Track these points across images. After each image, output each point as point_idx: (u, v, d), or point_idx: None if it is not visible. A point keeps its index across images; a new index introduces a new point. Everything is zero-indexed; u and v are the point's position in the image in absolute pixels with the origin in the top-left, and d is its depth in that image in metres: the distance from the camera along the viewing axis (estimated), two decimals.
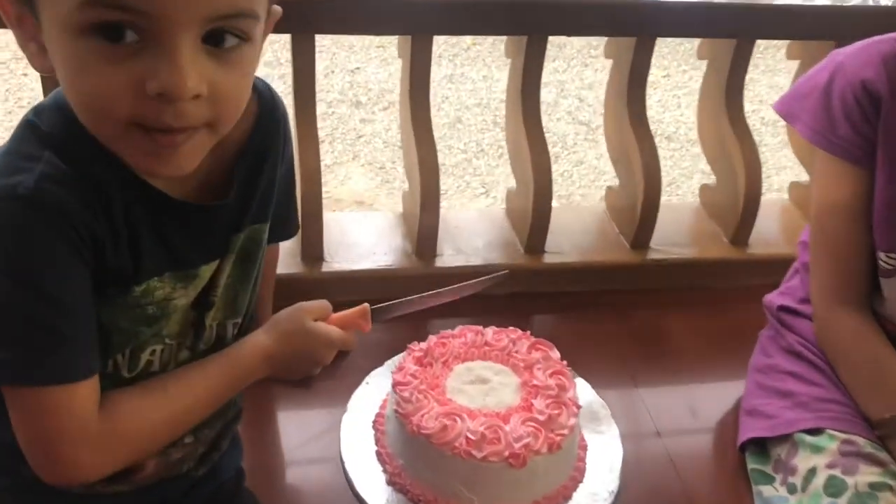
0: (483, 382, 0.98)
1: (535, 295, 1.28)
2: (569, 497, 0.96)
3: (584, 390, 1.04)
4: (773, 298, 1.10)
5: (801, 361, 1.02)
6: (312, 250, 1.22)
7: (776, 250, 1.36)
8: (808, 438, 0.94)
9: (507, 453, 0.89)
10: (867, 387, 0.95)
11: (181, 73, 0.60)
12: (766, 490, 0.96)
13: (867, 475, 0.88)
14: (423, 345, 1.02)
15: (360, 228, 1.31)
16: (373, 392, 1.08)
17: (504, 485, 0.91)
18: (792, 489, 0.93)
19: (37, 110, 0.70)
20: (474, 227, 1.33)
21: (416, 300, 0.99)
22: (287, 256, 1.23)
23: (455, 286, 1.00)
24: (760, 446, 1.01)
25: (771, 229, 1.38)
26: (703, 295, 1.33)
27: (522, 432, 0.90)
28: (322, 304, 0.92)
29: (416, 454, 0.93)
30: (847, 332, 0.97)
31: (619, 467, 1.00)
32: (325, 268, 1.22)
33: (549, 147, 1.29)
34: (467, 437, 0.90)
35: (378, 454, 0.98)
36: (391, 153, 2.34)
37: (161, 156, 0.65)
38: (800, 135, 0.99)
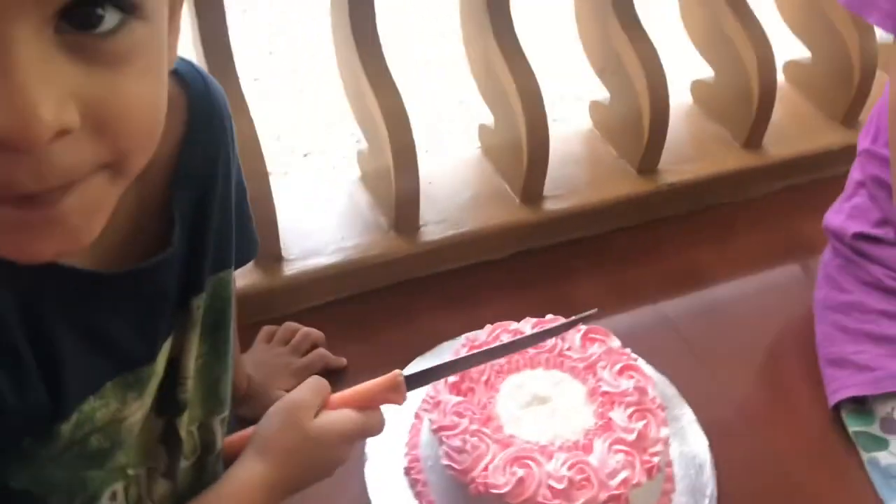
0: (542, 402, 0.78)
1: (541, 251, 1.07)
2: None
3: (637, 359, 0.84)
4: (841, 223, 0.92)
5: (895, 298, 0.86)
6: (266, 249, 0.95)
7: (794, 148, 1.18)
8: None
9: (604, 497, 0.69)
10: None
11: (23, 96, 0.32)
12: (883, 457, 0.82)
13: None
14: (473, 347, 0.79)
15: (317, 205, 1.04)
16: (390, 425, 0.86)
17: None
18: None
19: None
20: (452, 181, 1.09)
21: (465, 360, 0.74)
22: None
23: (527, 336, 0.76)
24: (858, 402, 0.86)
25: (779, 122, 1.19)
26: (724, 213, 1.15)
27: (614, 464, 0.71)
28: (314, 385, 0.66)
29: None
30: None
31: (708, 462, 0.83)
32: (287, 269, 0.96)
33: None
34: (551, 487, 0.70)
35: None
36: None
37: (37, 232, 0.38)
38: (877, 26, 0.79)
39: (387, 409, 0.87)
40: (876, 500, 0.81)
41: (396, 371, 0.67)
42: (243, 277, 0.94)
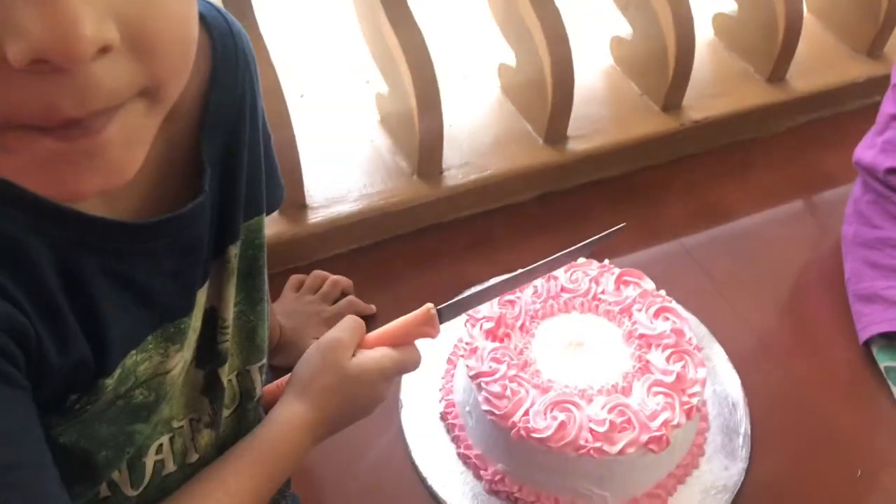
0: (579, 345, 0.77)
1: (565, 193, 1.06)
2: (702, 453, 0.79)
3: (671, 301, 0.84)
4: (873, 158, 0.91)
5: None
6: (291, 197, 0.94)
7: (819, 82, 1.16)
8: None
9: (645, 439, 0.70)
10: None
11: (64, 11, 0.31)
12: None
13: None
14: (488, 311, 0.79)
15: (338, 151, 1.02)
16: (423, 371, 0.86)
17: (641, 470, 0.73)
18: None
19: None
20: (473, 123, 1.06)
21: (499, 285, 0.71)
22: None
23: (553, 258, 0.71)
24: (888, 337, 0.86)
25: (803, 55, 1.16)
26: (748, 149, 1.13)
27: (654, 406, 0.71)
28: (350, 325, 0.65)
29: (525, 458, 0.73)
30: None
31: (741, 401, 0.83)
32: (312, 216, 0.95)
33: None
34: (592, 431, 0.70)
35: (464, 459, 0.78)
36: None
37: (79, 165, 0.36)
38: None
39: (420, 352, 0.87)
40: None
41: (429, 304, 0.66)
42: (269, 226, 0.91)
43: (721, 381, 0.85)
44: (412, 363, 0.67)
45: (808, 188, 1.11)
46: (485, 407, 0.72)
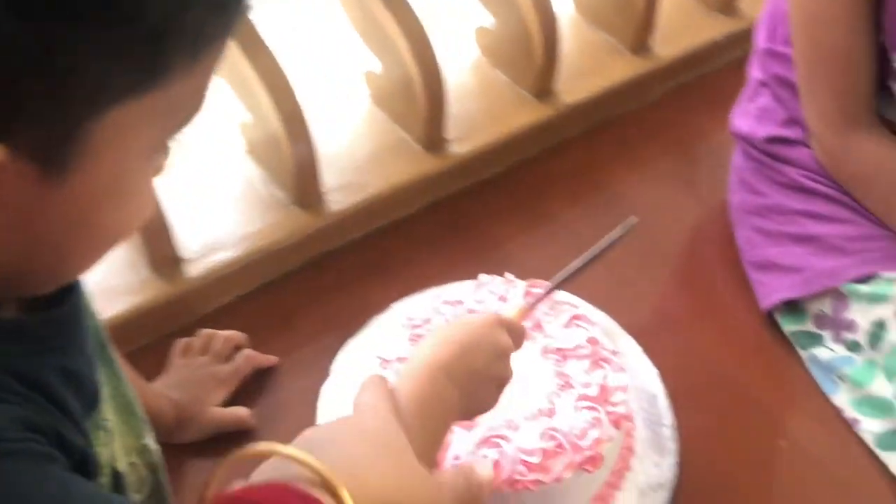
0: None
1: (453, 199, 1.02)
2: (633, 454, 0.78)
3: (579, 307, 0.83)
4: (750, 127, 0.92)
5: (814, 197, 0.86)
6: (162, 251, 0.86)
7: (681, 46, 1.16)
8: (861, 288, 0.81)
9: (578, 460, 0.68)
10: None
11: None
12: (821, 352, 0.84)
13: None
14: (399, 351, 0.75)
15: (207, 191, 0.94)
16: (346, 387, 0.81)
17: (577, 488, 0.72)
18: (854, 347, 0.82)
19: None
20: (347, 139, 1.01)
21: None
22: (121, 279, 0.86)
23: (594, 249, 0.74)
24: (789, 302, 0.88)
25: (664, 22, 1.16)
26: (626, 124, 1.13)
27: (583, 424, 0.70)
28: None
29: None
30: (868, 156, 0.82)
31: (661, 391, 0.83)
32: (190, 270, 0.87)
33: None
34: (525, 462, 0.68)
35: None
36: None
37: None
38: None
39: (343, 370, 0.83)
40: (817, 395, 0.84)
41: None
42: (142, 289, 0.85)
43: (637, 375, 0.84)
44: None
45: (689, 154, 1.12)
46: None
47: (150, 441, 0.55)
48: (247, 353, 0.84)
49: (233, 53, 0.85)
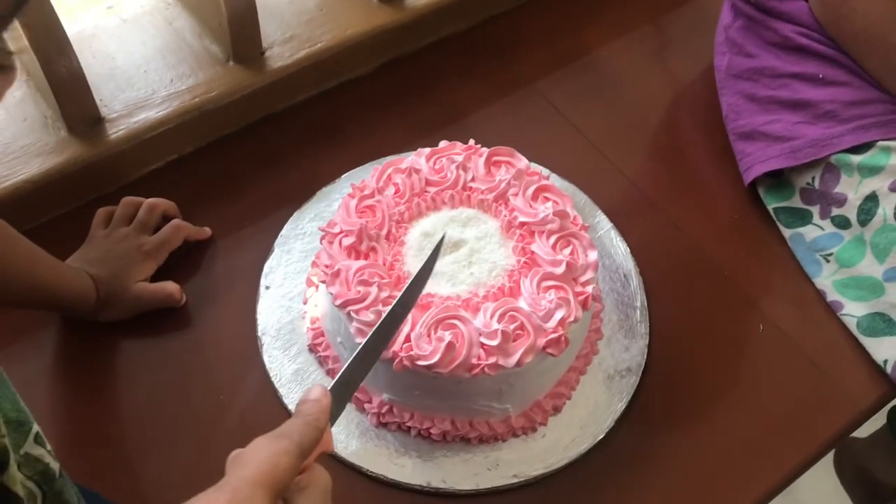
0: (456, 247, 0.67)
1: (409, 59, 0.92)
2: (601, 337, 0.73)
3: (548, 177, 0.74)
4: None
5: (809, 58, 0.78)
6: (80, 110, 0.75)
7: None
8: (855, 158, 0.74)
9: (542, 344, 0.62)
10: None
11: None
12: (807, 231, 0.78)
13: None
14: (345, 223, 0.67)
15: (130, 40, 0.82)
16: (279, 297, 0.74)
17: (541, 374, 0.66)
18: (843, 223, 0.75)
19: None
20: None
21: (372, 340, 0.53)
22: (33, 137, 0.76)
23: (411, 282, 0.56)
24: (774, 175, 0.81)
25: None
26: None
27: (547, 303, 0.63)
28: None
29: (413, 386, 0.64)
30: (872, 12, 0.72)
31: (633, 271, 0.77)
32: (112, 131, 0.77)
33: None
34: (484, 346, 0.61)
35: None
36: None
37: None
38: None
39: (278, 280, 0.75)
40: (799, 277, 0.78)
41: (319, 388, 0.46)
42: (59, 152, 0.75)
43: (609, 254, 0.78)
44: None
45: (671, 15, 1.01)
46: (359, 340, 0.62)
47: (33, 443, 0.47)
48: (176, 223, 0.75)
49: None
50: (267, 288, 0.74)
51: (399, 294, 0.59)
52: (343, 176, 0.81)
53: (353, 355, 0.51)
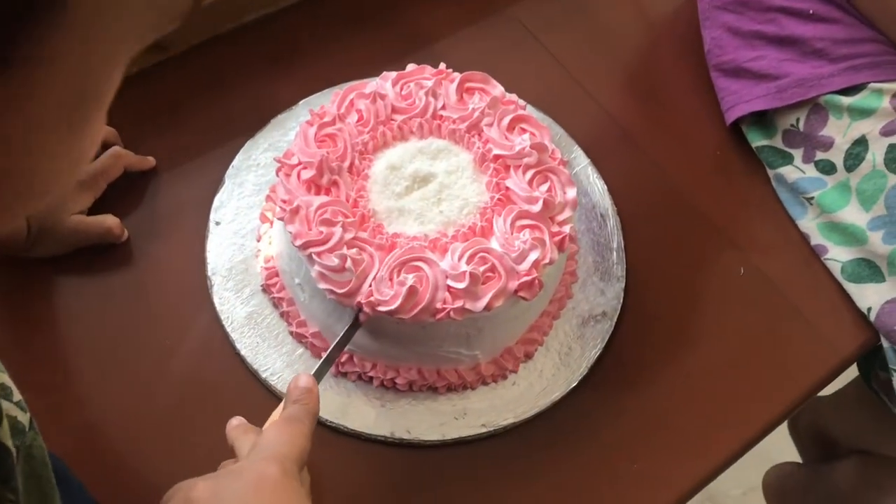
0: (425, 182, 0.62)
1: None
2: (575, 279, 0.69)
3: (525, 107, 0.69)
4: None
5: None
6: None
7: None
8: (845, 100, 0.70)
9: (514, 287, 0.57)
10: None
11: None
12: (788, 172, 0.74)
13: None
14: (304, 154, 0.61)
15: None
16: (231, 232, 0.68)
17: (512, 319, 0.62)
18: (827, 168, 0.71)
19: None
20: None
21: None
22: None
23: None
24: (758, 114, 0.77)
25: None
26: None
27: (521, 244, 0.58)
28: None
29: (375, 333, 0.59)
30: None
31: (611, 210, 0.72)
32: None
33: None
34: (450, 289, 0.57)
35: (298, 338, 0.64)
36: None
37: None
38: None
39: (229, 215, 0.70)
40: (783, 219, 0.75)
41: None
42: None
43: (587, 192, 0.73)
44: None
45: None
46: (322, 285, 0.57)
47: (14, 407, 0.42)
48: (116, 151, 0.68)
49: None
50: (217, 224, 0.68)
51: (364, 235, 0.54)
52: (300, 102, 0.74)
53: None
